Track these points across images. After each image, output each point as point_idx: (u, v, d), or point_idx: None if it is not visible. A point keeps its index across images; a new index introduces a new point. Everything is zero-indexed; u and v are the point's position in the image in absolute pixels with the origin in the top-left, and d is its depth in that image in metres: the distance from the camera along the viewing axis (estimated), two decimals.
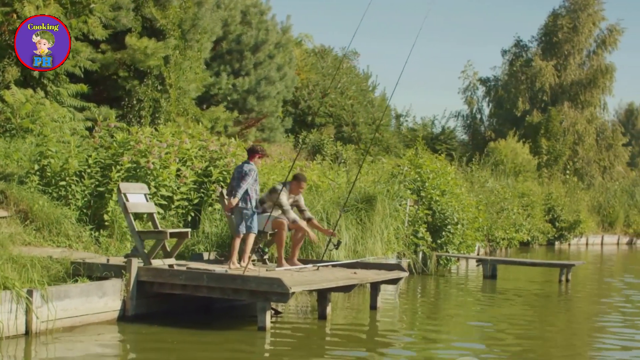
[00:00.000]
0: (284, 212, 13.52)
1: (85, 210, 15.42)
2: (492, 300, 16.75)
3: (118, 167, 15.56)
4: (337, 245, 14.29)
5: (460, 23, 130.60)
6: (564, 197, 38.68)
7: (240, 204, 12.92)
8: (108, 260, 12.55)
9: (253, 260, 13.77)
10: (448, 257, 21.36)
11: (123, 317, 11.61)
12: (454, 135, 47.07)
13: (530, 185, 37.43)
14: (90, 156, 15.86)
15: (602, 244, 41.58)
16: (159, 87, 21.42)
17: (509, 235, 29.50)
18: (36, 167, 15.56)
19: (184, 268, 12.22)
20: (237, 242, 13.02)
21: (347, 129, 35.63)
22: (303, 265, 13.60)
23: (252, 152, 13.32)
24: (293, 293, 11.11)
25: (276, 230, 13.55)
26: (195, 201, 16.47)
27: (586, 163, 51.61)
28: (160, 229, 12.82)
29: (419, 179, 21.73)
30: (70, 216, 14.92)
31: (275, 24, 29.49)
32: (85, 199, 15.51)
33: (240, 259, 13.06)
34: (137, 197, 12.62)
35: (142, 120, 21.02)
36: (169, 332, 11.19)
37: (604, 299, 17.87)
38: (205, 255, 14.57)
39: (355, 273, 13.34)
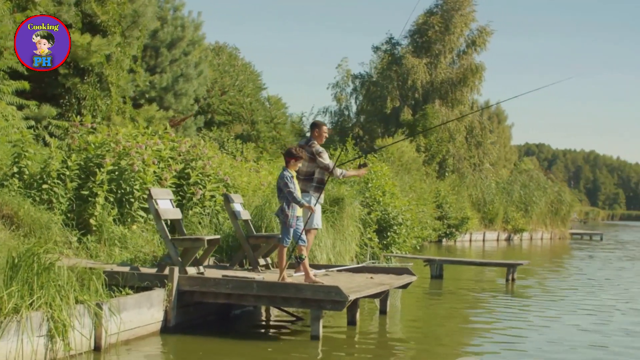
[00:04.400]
0: (332, 172, 13.03)
1: (69, 215, 14.82)
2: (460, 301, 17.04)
3: (102, 170, 15.03)
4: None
5: (334, 18, 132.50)
6: (451, 195, 39.57)
7: (282, 214, 12.02)
8: (134, 268, 12.10)
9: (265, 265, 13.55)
10: (393, 257, 21.54)
11: (165, 328, 11.21)
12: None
13: (419, 184, 38.09)
14: (69, 158, 15.25)
15: (483, 240, 42.81)
16: (98, 85, 20.78)
17: (415, 233, 29.93)
18: (15, 169, 14.87)
19: (219, 276, 11.88)
20: (284, 252, 12.13)
21: (247, 127, 35.40)
22: (315, 271, 13.45)
23: (288, 156, 12.24)
24: (350, 301, 11.00)
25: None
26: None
27: (457, 160, 52.82)
28: (186, 235, 12.44)
29: (361, 180, 21.83)
30: (57, 221, 14.31)
31: (192, 20, 28.99)
32: (69, 203, 14.91)
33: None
34: (165, 202, 12.21)
35: (82, 119, 20.31)
36: (219, 342, 10.96)
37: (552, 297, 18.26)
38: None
39: (372, 278, 13.33)
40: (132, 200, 15.37)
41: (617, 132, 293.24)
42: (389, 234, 21.54)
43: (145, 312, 10.81)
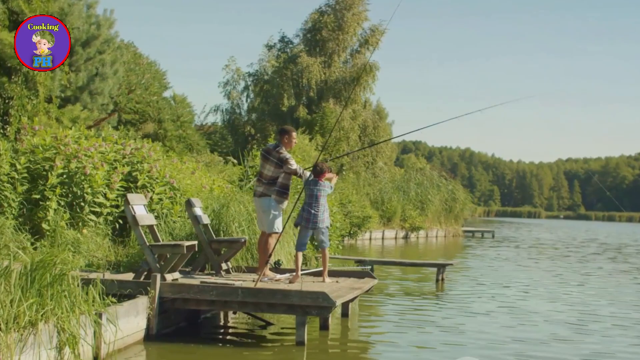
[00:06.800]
0: (301, 175, 13.46)
1: (20, 219, 14.52)
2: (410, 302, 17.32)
3: (53, 173, 14.77)
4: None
5: (223, 15, 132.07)
6: (353, 194, 39.90)
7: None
8: (104, 275, 11.93)
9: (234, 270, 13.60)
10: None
11: (148, 336, 11.11)
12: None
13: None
14: (18, 161, 14.93)
15: (382, 238, 43.30)
16: (25, 85, 20.27)
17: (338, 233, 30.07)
18: None
19: (197, 282, 11.82)
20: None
21: (154, 125, 35.02)
22: (280, 275, 13.52)
23: (322, 173, 13.14)
24: (336, 306, 11.12)
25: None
26: (122, 208, 15.86)
27: (352, 159, 53.21)
28: (162, 241, 12.34)
29: None
30: (9, 226, 14.00)
31: (106, 18, 28.41)
32: (19, 207, 14.62)
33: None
34: (140, 208, 12.07)
35: (10, 120, 19.81)
36: (206, 349, 10.95)
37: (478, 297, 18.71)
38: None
39: (337, 282, 13.46)
40: (83, 204, 15.14)
41: (493, 130, 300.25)
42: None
43: (133, 320, 10.71)
